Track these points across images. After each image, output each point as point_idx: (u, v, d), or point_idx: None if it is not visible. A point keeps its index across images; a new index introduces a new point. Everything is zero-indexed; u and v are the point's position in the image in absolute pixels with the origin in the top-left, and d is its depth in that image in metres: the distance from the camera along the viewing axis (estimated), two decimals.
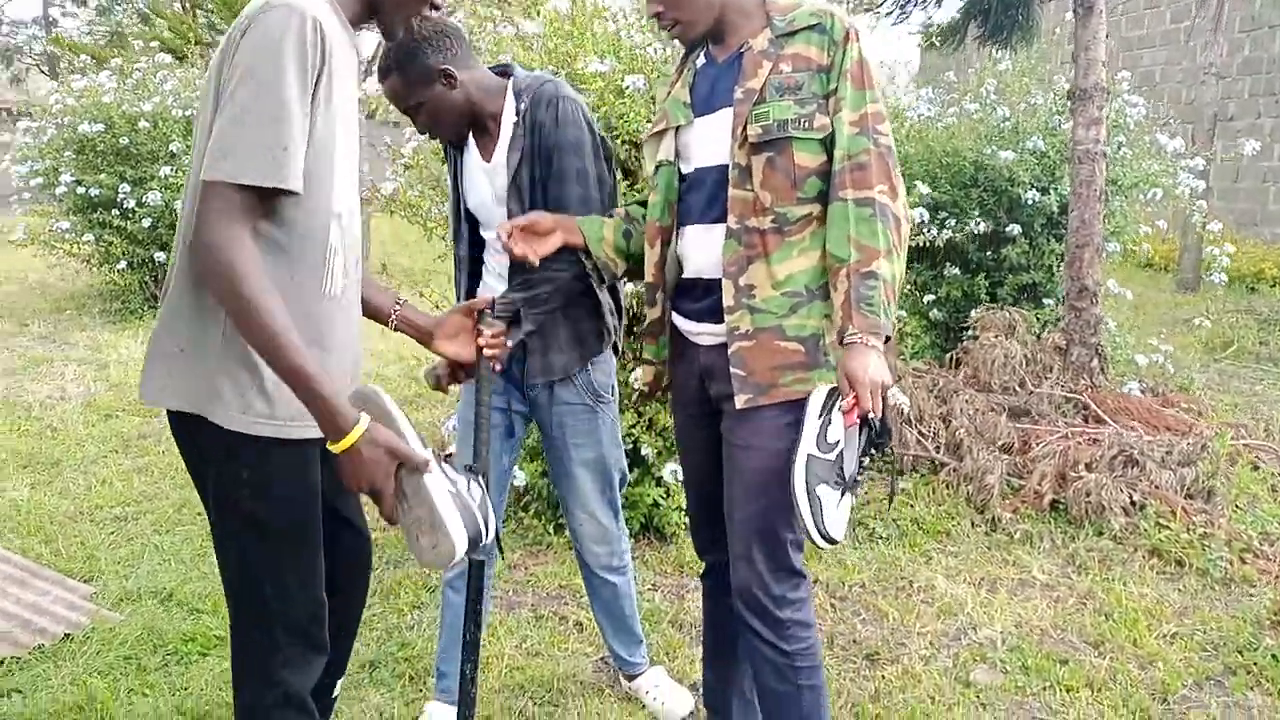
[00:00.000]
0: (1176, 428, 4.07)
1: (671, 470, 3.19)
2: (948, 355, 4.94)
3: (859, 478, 1.68)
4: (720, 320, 1.79)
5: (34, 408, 4.99)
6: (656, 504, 3.31)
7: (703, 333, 1.85)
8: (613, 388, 2.26)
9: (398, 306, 1.87)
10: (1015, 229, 5.15)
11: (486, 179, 2.11)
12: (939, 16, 5.14)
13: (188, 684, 2.48)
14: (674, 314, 1.92)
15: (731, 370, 1.76)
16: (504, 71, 2.13)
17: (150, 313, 7.13)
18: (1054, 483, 3.64)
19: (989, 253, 5.36)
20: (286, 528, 1.55)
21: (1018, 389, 4.44)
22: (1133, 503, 3.50)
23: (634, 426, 3.22)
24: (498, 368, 1.97)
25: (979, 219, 4.94)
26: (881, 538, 3.45)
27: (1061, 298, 4.93)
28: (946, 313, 5.53)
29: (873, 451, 1.67)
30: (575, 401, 2.19)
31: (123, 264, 7.38)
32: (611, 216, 2.00)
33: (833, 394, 1.66)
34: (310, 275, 1.47)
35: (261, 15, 1.36)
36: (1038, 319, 5.13)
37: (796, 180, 1.71)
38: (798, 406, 1.71)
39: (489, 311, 1.93)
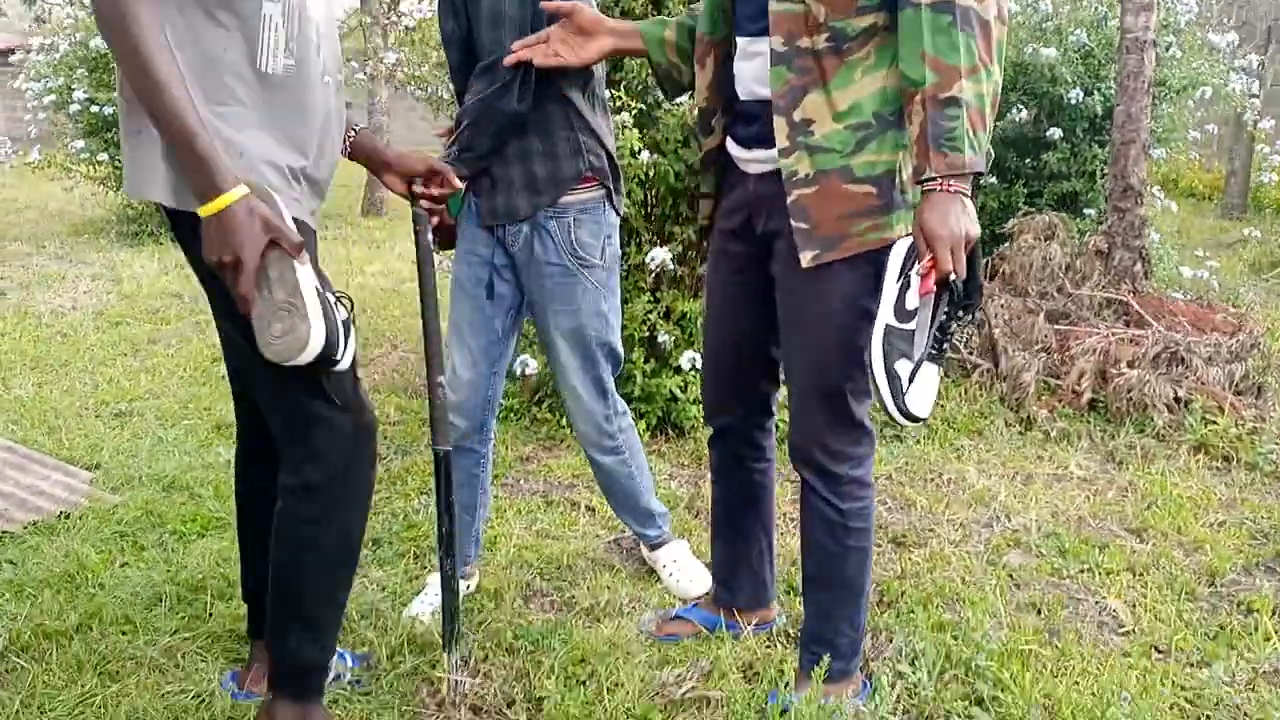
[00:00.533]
0: (1223, 328, 3.86)
1: (690, 359, 3.04)
2: (984, 263, 4.73)
3: (944, 346, 1.47)
4: (770, 145, 1.56)
5: (45, 315, 4.92)
6: (674, 397, 3.16)
7: (753, 160, 1.65)
8: (606, 252, 2.01)
9: (353, 132, 1.73)
10: (1056, 132, 4.90)
11: None
12: None
13: (185, 560, 2.39)
14: (727, 139, 1.71)
15: (793, 224, 1.54)
16: None
17: (165, 233, 7.04)
18: (1094, 380, 3.46)
19: (1028, 160, 5.12)
20: None
21: (1056, 294, 4.23)
22: (1177, 399, 3.31)
23: (650, 312, 3.06)
24: (431, 226, 1.84)
25: (1021, 117, 4.68)
26: (910, 436, 3.29)
27: (1103, 210, 4.70)
28: (983, 223, 5.30)
29: (960, 315, 1.46)
30: (554, 260, 1.96)
31: None
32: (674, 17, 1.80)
33: (913, 250, 1.44)
34: (242, 48, 1.37)
35: None
36: (1078, 228, 4.91)
37: None
38: (872, 257, 1.51)
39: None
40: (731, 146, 1.70)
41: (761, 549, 2.02)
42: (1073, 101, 4.78)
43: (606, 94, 2.04)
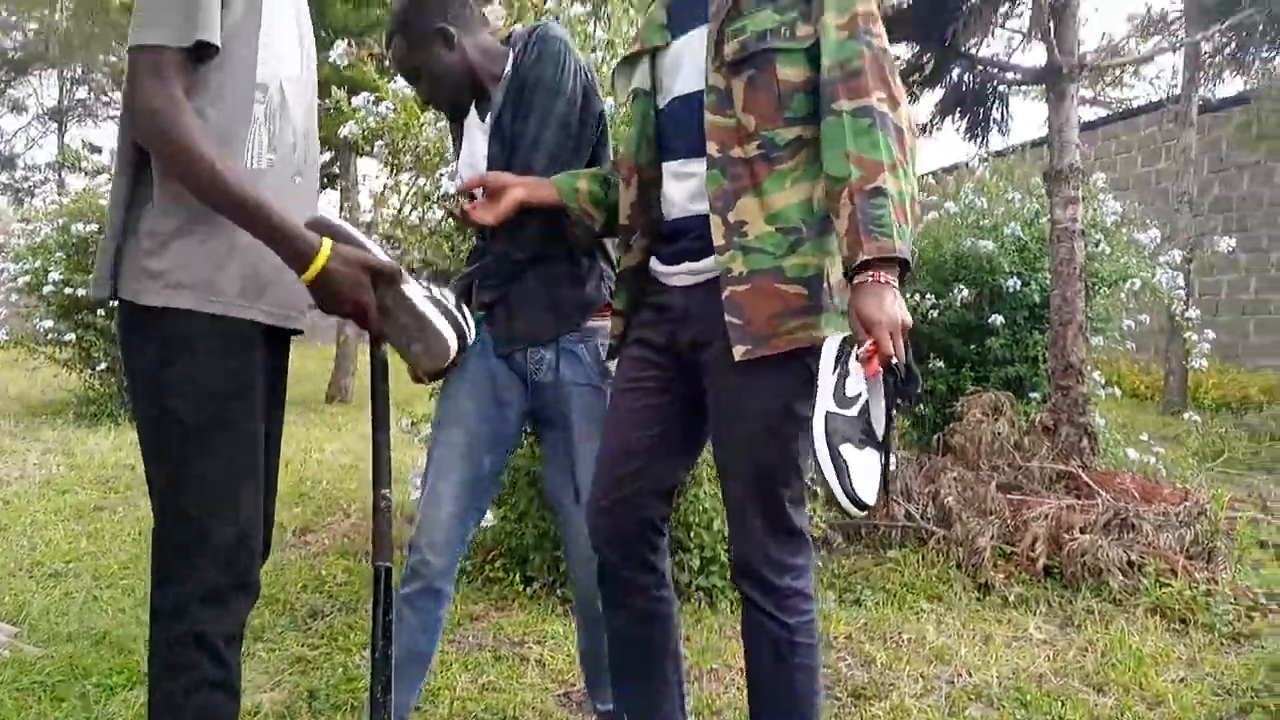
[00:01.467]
0: (1170, 500, 3.93)
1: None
2: (934, 439, 4.83)
3: (888, 432, 1.50)
4: (699, 258, 1.63)
5: None
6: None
7: (679, 273, 1.70)
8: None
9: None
10: (998, 319, 5.15)
11: (482, 137, 1.99)
12: (913, 112, 5.26)
13: (106, 711, 2.25)
14: (651, 259, 1.77)
15: (727, 319, 1.57)
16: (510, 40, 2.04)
17: (128, 416, 7.00)
18: (1047, 546, 3.47)
19: (973, 346, 5.33)
20: (206, 424, 1.42)
21: (1006, 467, 4.31)
22: (1130, 563, 3.32)
23: None
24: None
25: (963, 296, 4.92)
26: (869, 599, 3.25)
27: (1047, 393, 4.87)
28: (932, 408, 5.46)
29: (899, 401, 1.49)
30: (583, 381, 1.95)
31: (102, 365, 7.31)
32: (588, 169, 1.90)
33: (847, 342, 1.50)
34: (233, 144, 1.44)
35: None
36: (1024, 412, 5.06)
37: (782, 99, 1.55)
38: (801, 356, 1.55)
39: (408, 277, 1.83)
40: (656, 265, 1.75)
41: (671, 684, 1.87)
42: (1011, 290, 5.05)
43: None
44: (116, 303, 1.46)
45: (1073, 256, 4.41)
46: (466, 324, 1.57)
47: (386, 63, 2.13)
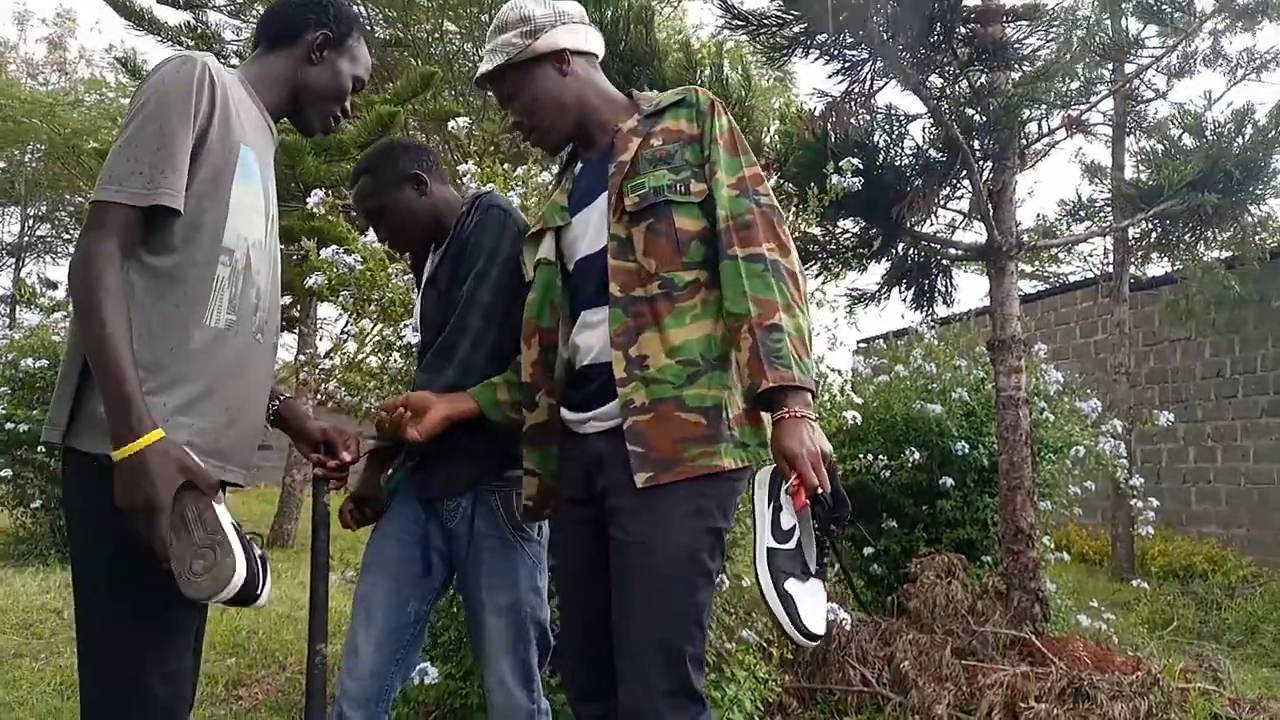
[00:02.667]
0: (1125, 669, 3.92)
1: None
2: (889, 599, 4.80)
3: (825, 561, 1.54)
4: (610, 400, 1.68)
5: None
6: None
7: (591, 419, 1.74)
8: (543, 529, 2.05)
9: (279, 401, 1.83)
10: (948, 481, 5.23)
11: (426, 296, 2.10)
12: (862, 281, 5.50)
13: None
14: (562, 409, 1.82)
15: (629, 449, 1.61)
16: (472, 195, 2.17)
17: (59, 557, 6.73)
18: (1004, 715, 3.42)
19: (925, 506, 5.39)
20: (148, 573, 1.39)
21: (960, 632, 4.29)
22: None
23: None
24: (329, 497, 1.89)
25: (915, 459, 5.01)
26: None
27: (998, 558, 4.91)
28: (886, 568, 5.45)
29: (833, 529, 1.52)
30: (493, 533, 1.96)
31: (37, 503, 7.08)
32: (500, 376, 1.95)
33: (776, 477, 1.54)
34: (193, 304, 1.50)
35: (159, 65, 1.51)
36: (976, 574, 5.08)
37: (680, 245, 1.67)
38: (703, 487, 1.59)
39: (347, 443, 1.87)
40: (568, 414, 1.80)
41: None
42: (959, 454, 5.16)
43: None
44: (62, 449, 1.46)
45: (1018, 423, 4.53)
46: (264, 577, 1.42)
47: (354, 213, 2.22)
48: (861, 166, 4.09)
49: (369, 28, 9.67)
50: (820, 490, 1.47)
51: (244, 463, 1.62)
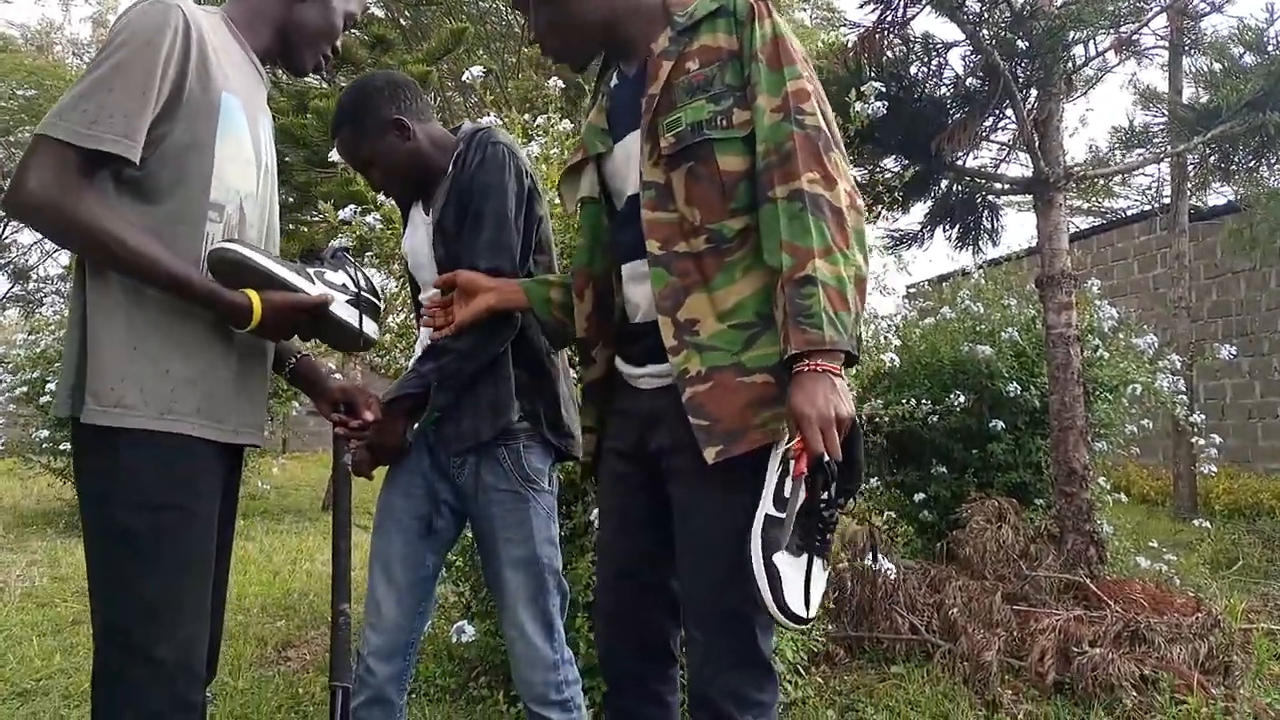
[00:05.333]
0: (1183, 610, 3.79)
1: None
2: (939, 546, 4.71)
3: (824, 537, 1.38)
4: (665, 359, 1.52)
5: None
6: None
7: (646, 375, 1.61)
8: (551, 477, 2.01)
9: (296, 357, 1.79)
10: (999, 424, 5.09)
11: (424, 234, 2.02)
12: (904, 222, 5.33)
13: None
14: (617, 359, 1.70)
15: (692, 422, 1.46)
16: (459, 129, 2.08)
17: None
18: (1056, 660, 3.33)
19: (975, 450, 5.26)
20: (152, 540, 1.38)
21: (1012, 577, 4.19)
22: (1143, 679, 3.17)
23: (594, 574, 2.98)
24: (350, 463, 1.85)
25: (961, 403, 4.87)
26: None
27: (1051, 501, 4.79)
28: (936, 513, 5.35)
29: (840, 502, 1.38)
30: (504, 487, 1.92)
31: None
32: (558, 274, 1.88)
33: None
34: (183, 259, 1.44)
35: (133, 7, 1.44)
36: (1030, 519, 4.96)
37: (726, 189, 1.48)
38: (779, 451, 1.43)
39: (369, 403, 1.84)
40: (623, 366, 1.68)
41: None
42: (1010, 395, 5.01)
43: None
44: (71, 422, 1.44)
45: (1069, 361, 4.37)
46: (378, 298, 1.77)
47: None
48: (887, 91, 3.93)
49: None
50: (826, 459, 1.33)
51: (256, 422, 1.59)
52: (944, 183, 4.94)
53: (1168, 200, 9.01)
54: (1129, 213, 12.83)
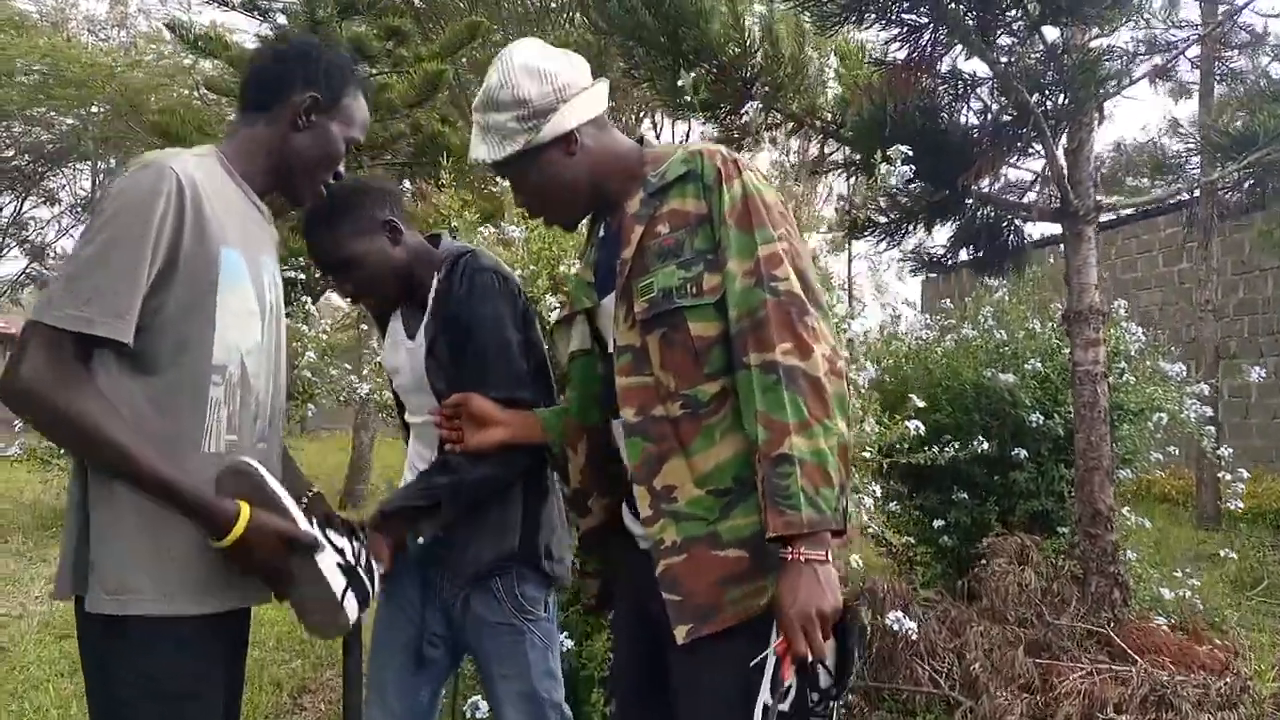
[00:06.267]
0: (1211, 666, 3.73)
1: None
2: (959, 584, 4.65)
3: None
4: None
5: None
6: None
7: (642, 535, 1.56)
8: (546, 604, 1.93)
9: (307, 495, 1.73)
10: (1021, 453, 5.01)
11: (408, 358, 1.93)
12: (929, 244, 5.22)
13: None
14: (624, 512, 1.64)
15: (665, 598, 1.43)
16: (435, 240, 1.99)
17: None
18: None
19: (997, 477, 5.19)
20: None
21: (1035, 620, 4.13)
22: None
23: (610, 650, 2.94)
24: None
25: (983, 440, 4.79)
26: None
27: (1074, 533, 4.71)
28: (957, 539, 5.28)
29: (835, 694, 1.34)
30: (497, 620, 1.85)
31: None
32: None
33: None
34: (188, 429, 1.41)
35: (126, 173, 1.39)
36: (1052, 548, 4.89)
37: (699, 355, 1.44)
38: (753, 631, 1.37)
39: (370, 520, 1.77)
40: (628, 518, 1.63)
41: None
42: (1034, 424, 4.93)
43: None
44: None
45: (1096, 400, 4.27)
46: (372, 586, 1.61)
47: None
48: (923, 128, 3.84)
49: None
50: (810, 659, 1.29)
51: (259, 585, 1.54)
52: (968, 204, 4.83)
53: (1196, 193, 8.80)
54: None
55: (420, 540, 1.90)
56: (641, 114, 16.20)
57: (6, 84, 16.23)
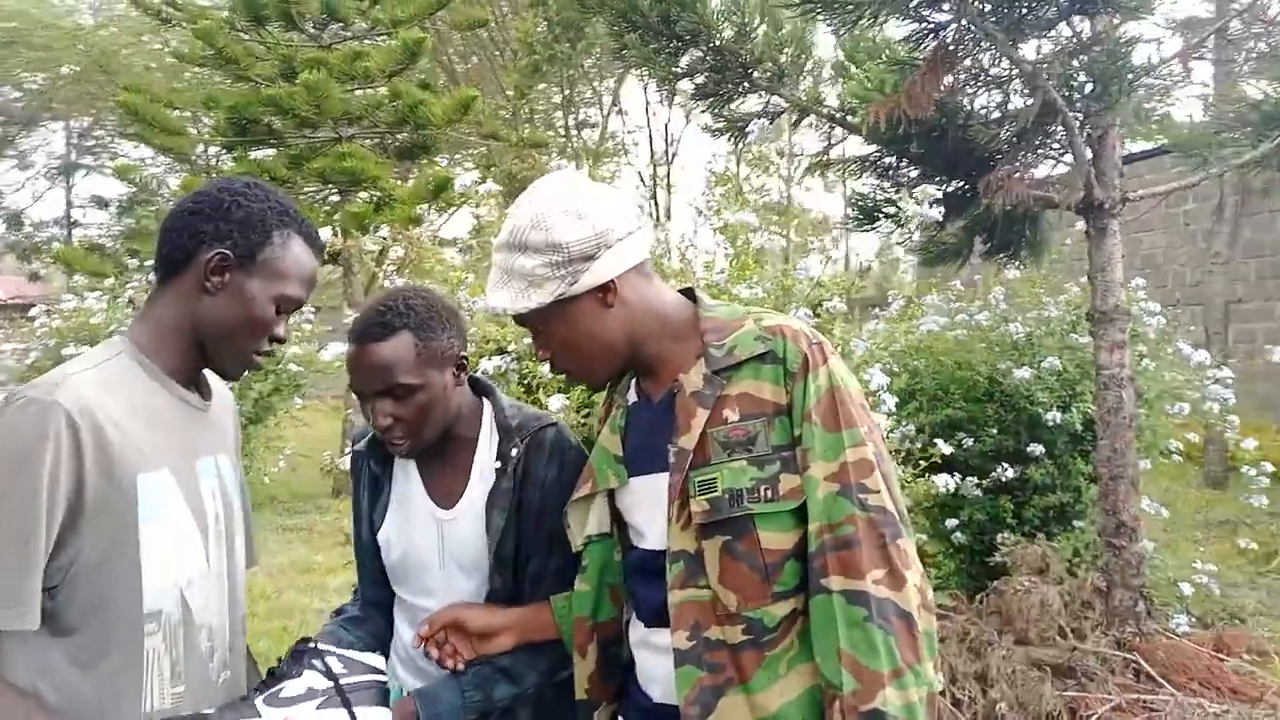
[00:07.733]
0: (1242, 690, 3.60)
1: None
2: (977, 597, 4.51)
3: None
4: None
5: None
6: None
7: None
8: None
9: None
10: (1038, 448, 4.83)
11: (436, 530, 1.61)
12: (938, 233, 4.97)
13: None
14: None
15: None
16: (481, 389, 1.69)
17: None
18: None
19: (1011, 472, 5.01)
20: None
21: (1058, 638, 3.99)
22: None
23: None
24: None
25: (997, 435, 4.61)
26: None
27: (1093, 520, 4.57)
28: (971, 535, 5.13)
29: None
30: None
31: None
32: None
33: None
34: (123, 690, 1.21)
35: (4, 413, 1.15)
36: (1069, 543, 4.75)
37: (769, 571, 1.25)
38: None
39: None
40: None
41: None
42: (1050, 423, 4.74)
43: None
44: None
45: (1121, 405, 4.08)
46: (379, 674, 1.43)
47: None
48: (943, 121, 3.58)
49: None
50: None
51: None
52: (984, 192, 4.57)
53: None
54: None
55: None
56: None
57: None
